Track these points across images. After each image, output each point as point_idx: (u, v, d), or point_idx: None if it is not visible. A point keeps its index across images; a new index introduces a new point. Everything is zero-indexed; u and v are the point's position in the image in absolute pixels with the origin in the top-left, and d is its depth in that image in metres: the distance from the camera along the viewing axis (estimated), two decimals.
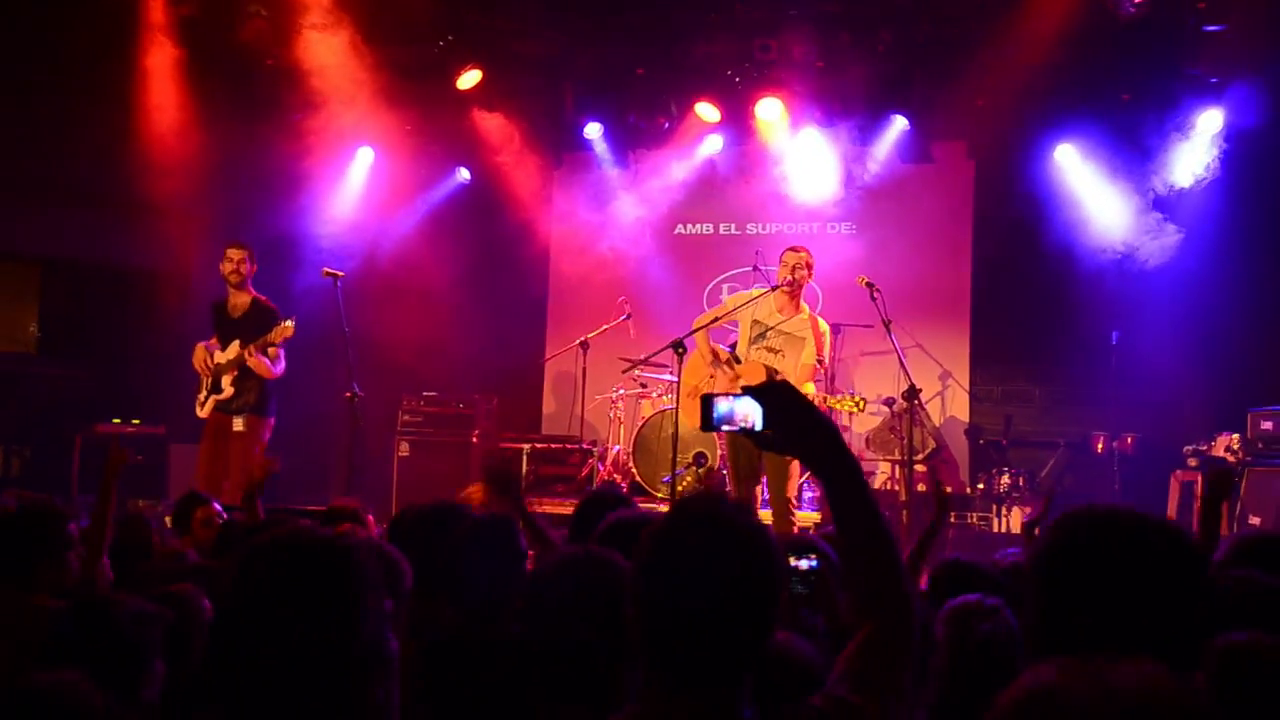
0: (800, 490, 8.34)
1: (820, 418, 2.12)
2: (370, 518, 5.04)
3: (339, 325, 7.99)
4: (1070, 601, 1.82)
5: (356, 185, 11.47)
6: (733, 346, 8.10)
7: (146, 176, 9.76)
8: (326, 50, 9.74)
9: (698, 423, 8.43)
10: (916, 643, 2.05)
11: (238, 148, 10.23)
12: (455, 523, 3.41)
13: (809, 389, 7.46)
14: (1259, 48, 8.89)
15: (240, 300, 8.08)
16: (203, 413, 8.00)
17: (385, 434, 10.34)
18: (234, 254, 8.06)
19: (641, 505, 9.22)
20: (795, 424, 2.10)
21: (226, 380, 7.92)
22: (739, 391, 2.16)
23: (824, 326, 7.82)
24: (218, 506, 4.41)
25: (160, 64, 9.76)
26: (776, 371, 7.57)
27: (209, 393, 7.99)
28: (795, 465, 7.44)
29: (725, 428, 2.17)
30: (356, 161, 11.44)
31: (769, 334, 7.74)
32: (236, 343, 7.94)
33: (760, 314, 7.80)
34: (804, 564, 3.27)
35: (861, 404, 7.74)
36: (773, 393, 2.12)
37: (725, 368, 7.92)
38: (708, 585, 1.92)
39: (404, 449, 10.18)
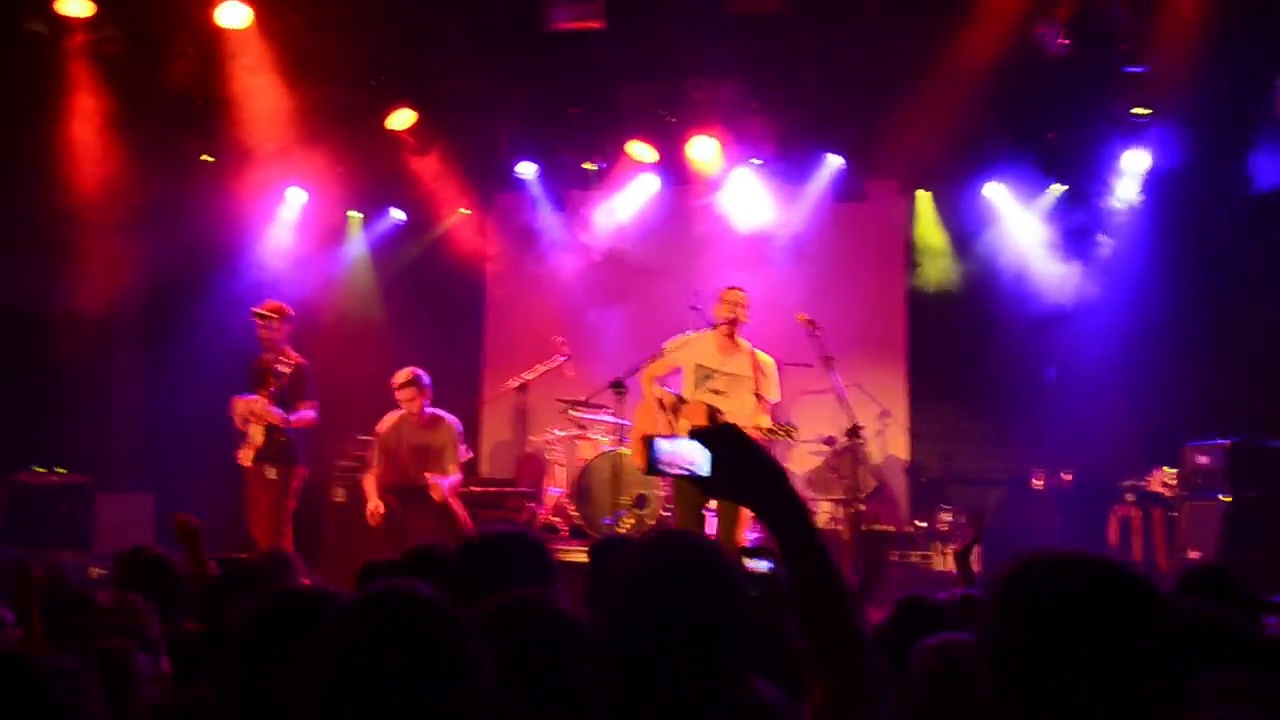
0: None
1: (767, 461, 2.03)
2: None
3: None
4: (1033, 663, 1.71)
5: (288, 226, 11.30)
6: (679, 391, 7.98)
7: (72, 220, 9.54)
8: (257, 91, 9.61)
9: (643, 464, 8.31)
10: (874, 690, 1.97)
11: (166, 189, 10.03)
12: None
13: (763, 421, 7.33)
14: (1179, 89, 9.03)
15: (270, 356, 8.24)
16: (244, 461, 8.19)
17: (318, 478, 10.10)
18: (269, 310, 8.26)
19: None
20: (740, 468, 2.01)
21: (257, 431, 8.10)
22: (684, 434, 2.09)
23: (766, 360, 7.62)
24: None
25: (85, 106, 9.55)
26: (720, 412, 7.45)
27: (247, 443, 8.20)
28: (744, 510, 7.29)
29: (669, 471, 2.09)
30: (287, 202, 11.28)
31: (714, 376, 7.61)
32: (259, 395, 8.12)
33: (703, 357, 7.65)
34: (760, 566, 3.23)
35: (790, 431, 7.42)
36: (718, 436, 2.03)
37: (670, 413, 7.77)
38: (673, 610, 2.04)
39: (340, 495, 9.94)
